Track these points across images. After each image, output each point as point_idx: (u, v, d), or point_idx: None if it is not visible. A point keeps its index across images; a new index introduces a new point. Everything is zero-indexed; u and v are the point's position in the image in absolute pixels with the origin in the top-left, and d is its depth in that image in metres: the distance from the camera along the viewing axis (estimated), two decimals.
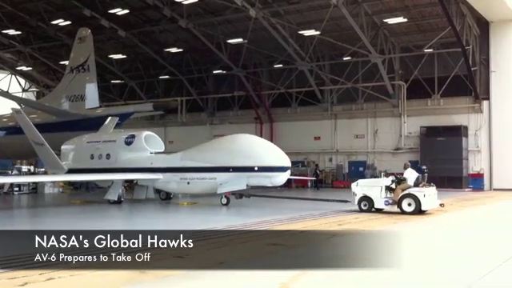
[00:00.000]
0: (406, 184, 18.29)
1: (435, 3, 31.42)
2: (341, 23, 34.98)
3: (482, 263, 9.45)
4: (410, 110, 37.66)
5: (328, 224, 15.39)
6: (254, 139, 23.04)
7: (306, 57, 38.09)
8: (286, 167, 21.39)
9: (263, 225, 15.11)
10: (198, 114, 47.19)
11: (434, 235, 13.72)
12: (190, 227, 14.55)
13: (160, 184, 23.17)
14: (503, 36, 35.23)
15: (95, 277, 8.20)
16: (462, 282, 7.88)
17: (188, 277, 8.19)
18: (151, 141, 24.53)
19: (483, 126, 35.52)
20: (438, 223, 16.08)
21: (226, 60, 40.33)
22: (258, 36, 37.44)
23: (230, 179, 21.28)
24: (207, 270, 8.63)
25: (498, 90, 35.03)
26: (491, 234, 13.78)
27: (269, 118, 43.34)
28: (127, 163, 23.65)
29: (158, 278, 8.10)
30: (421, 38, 37.24)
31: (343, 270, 8.86)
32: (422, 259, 9.89)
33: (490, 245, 11.72)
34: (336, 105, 41.26)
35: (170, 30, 40.03)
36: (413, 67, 38.02)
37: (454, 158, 34.76)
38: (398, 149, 38.15)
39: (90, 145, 25.41)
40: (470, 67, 34.00)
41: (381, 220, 16.82)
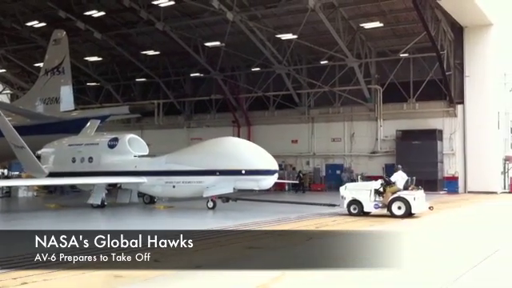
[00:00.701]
0: (395, 187, 18.24)
1: (411, 8, 31.81)
2: (318, 27, 35.17)
3: (454, 266, 9.53)
4: (386, 113, 38.03)
5: (306, 226, 15.41)
6: (241, 142, 22.86)
7: (283, 60, 38.20)
8: (273, 170, 21.25)
9: (241, 227, 15.05)
10: (175, 117, 46.93)
11: (410, 237, 13.83)
12: (169, 228, 14.41)
13: (144, 188, 22.78)
14: (477, 41, 35.80)
15: (69, 280, 8.05)
16: (437, 283, 7.94)
17: (165, 280, 8.09)
18: (135, 144, 24.14)
19: (457, 129, 36.01)
20: (413, 226, 16.23)
21: (204, 63, 40.22)
22: (235, 39, 37.43)
23: (217, 183, 21.02)
24: (184, 274, 8.55)
25: (471, 94, 35.56)
26: (464, 237, 13.94)
27: (246, 122, 43.32)
28: (110, 167, 23.20)
29: (134, 281, 7.98)
30: (397, 42, 37.65)
31: (320, 270, 8.87)
32: (396, 260, 9.94)
33: (462, 247, 11.83)
34: (313, 108, 41.44)
35: (146, 32, 39.77)
36: (389, 71, 38.40)
37: (429, 161, 35.17)
38: (374, 152, 38.47)
39: (72, 148, 24.92)
40: (444, 72, 34.47)
41: (358, 222, 16.92)
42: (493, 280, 8.53)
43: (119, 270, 8.59)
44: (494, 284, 8.29)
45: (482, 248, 11.52)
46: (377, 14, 34.58)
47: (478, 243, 12.41)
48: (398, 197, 17.94)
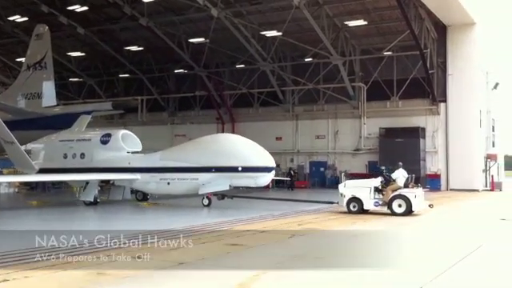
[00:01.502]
0: (396, 185, 18.02)
1: (395, 7, 31.96)
2: (302, 25, 35.18)
3: (428, 265, 9.59)
4: (369, 111, 38.22)
5: (288, 224, 15.42)
6: (238, 139, 22.45)
7: (267, 57, 38.17)
8: (270, 167, 21.02)
9: (223, 225, 15.02)
10: (158, 114, 46.72)
11: (392, 235, 13.92)
12: (149, 228, 14.33)
13: (138, 184, 22.40)
14: (460, 40, 36.09)
15: (50, 278, 7.97)
16: (413, 282, 7.98)
17: (147, 278, 8.04)
18: (128, 140, 23.76)
19: (440, 127, 36.30)
20: (393, 223, 16.32)
21: (188, 59, 40.06)
22: (220, 36, 37.30)
23: (213, 180, 20.80)
24: (166, 271, 8.50)
25: (454, 92, 35.86)
26: (442, 235, 14.04)
27: (230, 118, 43.24)
28: (103, 163, 22.81)
29: (116, 279, 7.92)
30: (380, 40, 37.81)
31: (300, 270, 8.88)
32: (375, 259, 10.00)
33: (438, 245, 11.89)
34: (297, 105, 41.51)
35: (130, 28, 39.44)
36: (372, 69, 38.57)
37: (412, 158, 35.23)
38: (357, 149, 38.64)
39: (63, 143, 24.47)
40: (427, 70, 34.70)
41: (340, 220, 16.98)
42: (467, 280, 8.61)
43: (102, 268, 8.53)
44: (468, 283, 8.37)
45: (461, 247, 11.61)
46: (361, 12, 34.69)
47: (453, 244, 12.49)
48: (399, 194, 17.73)
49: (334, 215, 18.28)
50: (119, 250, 10.37)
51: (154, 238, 12.26)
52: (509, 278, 8.55)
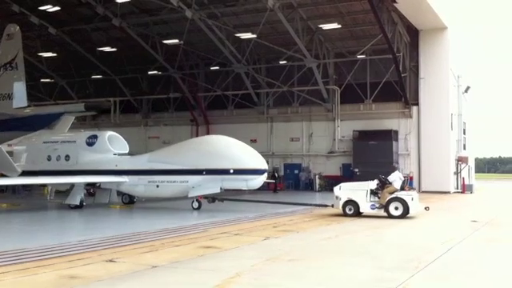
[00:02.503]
0: (392, 187, 17.85)
1: (368, 11, 32.25)
2: (277, 27, 35.27)
3: (385, 266, 9.66)
4: (343, 114, 38.49)
5: (263, 226, 15.38)
6: (229, 140, 21.84)
7: (242, 59, 38.16)
8: (262, 170, 20.68)
9: (198, 227, 14.91)
10: (132, 116, 46.26)
11: (363, 237, 13.99)
12: (124, 231, 14.14)
13: (126, 187, 21.91)
14: (431, 44, 36.63)
15: (22, 282, 7.77)
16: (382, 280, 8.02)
17: (119, 281, 7.89)
18: (114, 142, 23.27)
19: (412, 130, 36.77)
20: (366, 226, 16.41)
21: (162, 61, 39.78)
22: (194, 37, 37.14)
23: (203, 182, 20.42)
24: (139, 274, 8.37)
25: (426, 96, 36.37)
26: (410, 237, 14.16)
27: (205, 121, 43.08)
28: (89, 165, 22.26)
29: (89, 282, 7.76)
30: (354, 44, 38.15)
31: (275, 271, 8.84)
32: (347, 260, 10.02)
33: (401, 248, 11.99)
34: (272, 108, 41.57)
35: (103, 28, 39.03)
36: (346, 72, 38.88)
37: (385, 161, 35.58)
38: (331, 152, 38.87)
39: (47, 145, 23.86)
40: (400, 74, 35.11)
41: (314, 222, 17.01)
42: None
43: (74, 272, 8.37)
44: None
45: (422, 252, 11.70)
46: (335, 16, 34.92)
47: (418, 247, 12.61)
48: (396, 197, 17.56)
49: (309, 217, 18.32)
50: (92, 253, 10.21)
51: (127, 240, 12.14)
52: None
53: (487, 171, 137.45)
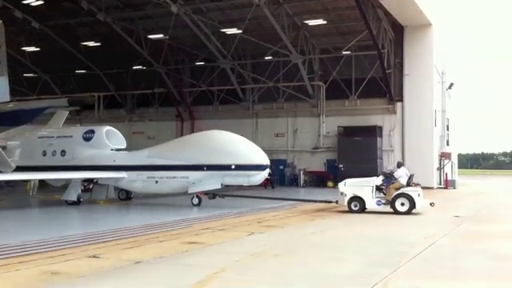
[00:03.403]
0: (398, 183, 17.74)
1: (353, 7, 32.32)
2: (263, 23, 35.21)
3: (364, 262, 9.74)
4: (328, 110, 38.57)
5: (247, 222, 15.40)
6: (231, 136, 21.44)
7: (228, 55, 38.05)
8: (264, 165, 20.18)
9: (182, 223, 14.88)
10: (116, 111, 45.94)
11: (348, 231, 14.07)
12: (110, 227, 14.07)
13: (124, 183, 21.48)
14: (416, 41, 36.83)
15: (3, 278, 7.69)
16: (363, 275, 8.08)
17: (102, 277, 7.85)
18: (112, 137, 22.81)
19: (397, 126, 36.96)
20: (350, 220, 16.52)
21: (147, 56, 39.50)
22: (179, 32, 36.96)
23: (204, 178, 19.96)
24: (122, 270, 8.33)
25: (410, 92, 36.56)
26: (393, 232, 14.26)
27: (190, 116, 42.93)
28: (86, 161, 21.82)
29: (71, 278, 7.71)
30: (339, 40, 38.21)
31: (259, 266, 8.86)
32: (332, 255, 10.07)
33: (384, 242, 12.09)
34: (257, 104, 41.53)
35: (87, 23, 38.68)
36: (331, 68, 38.95)
37: (369, 157, 35.89)
38: (316, 148, 38.96)
39: (42, 140, 23.41)
40: (385, 70, 35.26)
41: (299, 217, 17.07)
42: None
43: (56, 268, 8.31)
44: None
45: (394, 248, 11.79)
46: (320, 12, 34.96)
47: (394, 242, 12.70)
48: (402, 193, 17.44)
49: (293, 213, 18.37)
50: (75, 249, 10.14)
51: (110, 236, 12.08)
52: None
53: (470, 167, 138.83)
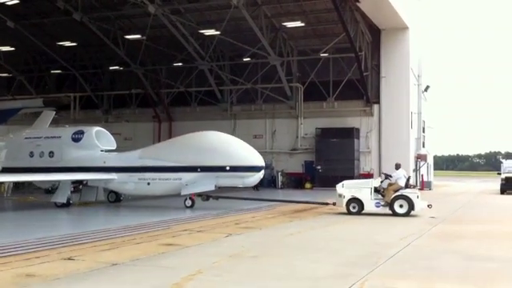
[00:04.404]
0: (397, 185, 17.71)
1: (331, 9, 32.53)
2: (241, 24, 35.20)
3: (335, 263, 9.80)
4: (306, 111, 38.75)
5: (225, 223, 15.36)
6: (225, 136, 21.36)
7: (206, 56, 37.94)
8: (260, 167, 20.01)
9: (160, 225, 14.77)
10: (92, 112, 45.45)
11: (324, 232, 14.13)
12: (80, 229, 13.92)
13: (115, 185, 21.00)
14: (393, 43, 37.23)
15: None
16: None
17: (78, 280, 7.74)
18: (101, 137, 22.45)
19: (374, 128, 37.31)
20: (328, 221, 16.60)
21: (123, 56, 39.14)
22: (157, 33, 36.73)
23: (198, 180, 19.72)
24: (99, 272, 8.23)
25: (387, 94, 36.94)
26: (369, 233, 14.37)
27: (167, 117, 42.71)
28: (75, 162, 21.39)
29: (46, 280, 7.59)
30: (317, 42, 38.45)
31: (237, 268, 8.84)
32: (312, 257, 10.11)
33: (361, 243, 12.18)
34: (235, 105, 41.53)
35: (63, 22, 38.10)
36: (309, 70, 39.14)
37: (347, 158, 36.22)
38: (294, 149, 39.09)
39: (29, 141, 22.89)
40: (362, 72, 35.57)
41: (277, 219, 17.08)
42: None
43: (31, 270, 8.18)
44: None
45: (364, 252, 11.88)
46: (298, 14, 35.12)
47: (365, 244, 12.81)
48: (401, 195, 17.43)
49: (271, 214, 18.38)
50: (50, 251, 10.00)
51: (86, 238, 11.94)
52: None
53: (445, 168, 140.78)
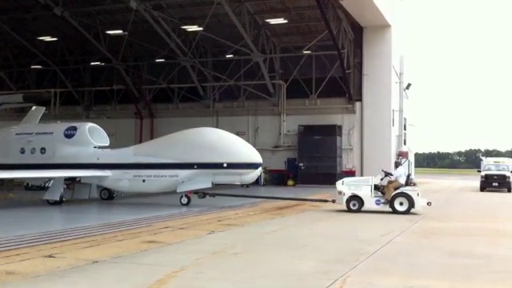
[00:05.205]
0: (397, 182, 17.73)
1: (314, 7, 32.56)
2: (224, 21, 35.08)
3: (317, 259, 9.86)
4: (289, 108, 38.80)
5: (208, 220, 15.34)
6: (222, 133, 21.17)
7: (188, 52, 37.74)
8: (257, 164, 19.93)
9: (142, 222, 14.70)
10: (73, 108, 44.88)
11: (306, 229, 14.19)
12: (61, 226, 13.79)
13: (109, 182, 20.80)
14: (375, 41, 37.40)
15: None
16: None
17: (59, 277, 7.67)
18: (95, 134, 22.09)
19: (356, 125, 37.49)
20: (309, 218, 16.67)
21: (105, 51, 38.73)
22: (139, 29, 36.40)
23: (194, 177, 19.55)
24: (79, 270, 8.16)
25: (369, 92, 37.13)
26: (351, 229, 14.48)
27: (149, 114, 42.44)
28: (67, 158, 21.06)
29: (26, 278, 7.51)
30: (300, 39, 38.48)
31: (217, 266, 8.83)
32: (294, 254, 10.14)
33: (343, 240, 12.28)
34: (218, 102, 41.42)
35: (43, 17, 37.63)
36: (292, 67, 39.19)
37: (329, 155, 36.38)
38: (277, 146, 39.13)
39: (20, 137, 22.51)
40: (344, 70, 35.70)
41: (259, 215, 17.12)
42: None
43: (11, 268, 8.08)
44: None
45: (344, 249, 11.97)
46: (282, 11, 35.10)
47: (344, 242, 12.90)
48: (401, 192, 17.44)
49: (254, 211, 18.40)
50: (31, 249, 9.90)
51: (67, 235, 11.83)
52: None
53: (426, 166, 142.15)
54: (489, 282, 7.88)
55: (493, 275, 8.40)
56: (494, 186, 35.09)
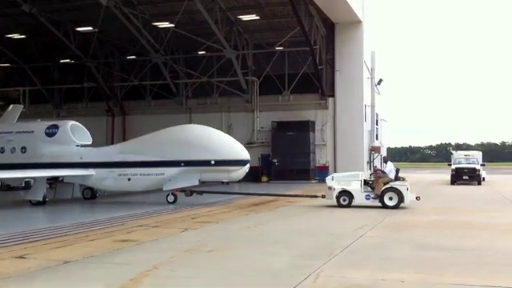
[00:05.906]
0: (387, 178, 17.85)
1: (286, 3, 32.62)
2: (196, 17, 34.89)
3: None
4: (262, 105, 38.85)
5: (182, 218, 15.27)
6: (209, 130, 20.82)
7: (160, 49, 37.44)
8: (245, 160, 19.77)
9: (115, 221, 14.55)
10: (42, 106, 44.18)
11: (282, 225, 14.25)
12: (32, 226, 13.56)
13: (93, 181, 20.38)
14: (346, 37, 37.64)
15: None
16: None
17: (29, 278, 7.55)
18: (77, 132, 21.67)
19: (329, 121, 37.74)
20: (283, 215, 16.73)
21: (74, 49, 38.13)
22: (109, 25, 35.93)
23: (181, 174, 19.31)
24: (51, 270, 8.04)
25: (341, 87, 37.38)
26: (324, 224, 14.61)
27: (121, 111, 42.02)
28: (49, 157, 20.60)
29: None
30: (272, 35, 38.53)
31: (192, 264, 8.80)
32: (269, 250, 10.16)
33: (316, 235, 12.37)
34: (191, 99, 41.23)
35: (11, 14, 36.87)
36: (265, 64, 39.23)
37: (303, 151, 36.56)
38: (251, 143, 39.00)
39: (0, 136, 22.04)
40: (317, 66, 35.89)
41: (233, 212, 17.11)
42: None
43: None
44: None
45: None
46: (254, 7, 35.08)
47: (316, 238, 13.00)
48: (391, 187, 17.57)
49: (228, 208, 18.38)
50: (1, 250, 9.72)
51: (39, 235, 11.64)
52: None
53: (398, 160, 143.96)
54: (459, 274, 8.01)
55: (463, 267, 8.54)
56: (464, 179, 35.74)
